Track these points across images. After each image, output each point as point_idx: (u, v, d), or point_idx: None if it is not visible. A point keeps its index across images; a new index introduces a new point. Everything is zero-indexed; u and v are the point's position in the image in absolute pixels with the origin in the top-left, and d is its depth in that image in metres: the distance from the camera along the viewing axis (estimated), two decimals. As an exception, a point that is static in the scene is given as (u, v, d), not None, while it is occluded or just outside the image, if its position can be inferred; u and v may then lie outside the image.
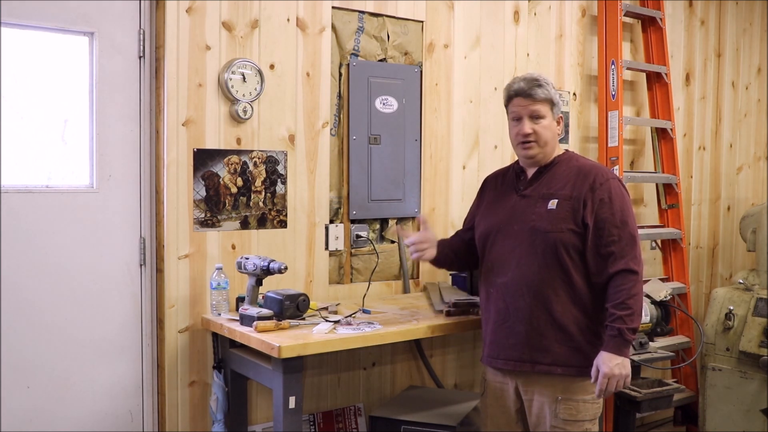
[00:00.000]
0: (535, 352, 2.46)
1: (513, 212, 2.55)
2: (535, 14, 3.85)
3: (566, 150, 2.64)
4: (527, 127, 2.49)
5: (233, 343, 2.78)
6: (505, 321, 2.51)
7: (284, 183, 3.09)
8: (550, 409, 2.47)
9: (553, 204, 2.47)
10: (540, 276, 2.44)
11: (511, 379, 2.56)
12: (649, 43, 4.24)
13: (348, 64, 3.25)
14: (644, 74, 4.29)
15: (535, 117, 2.50)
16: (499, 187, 2.68)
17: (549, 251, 2.44)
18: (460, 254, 2.78)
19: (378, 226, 3.40)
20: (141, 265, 2.88)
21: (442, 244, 2.76)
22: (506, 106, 2.59)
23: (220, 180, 2.93)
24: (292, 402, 2.48)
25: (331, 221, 3.24)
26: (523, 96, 2.50)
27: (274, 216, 3.07)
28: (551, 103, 2.51)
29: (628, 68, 4.11)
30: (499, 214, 2.59)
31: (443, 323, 2.82)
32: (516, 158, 2.67)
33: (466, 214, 2.84)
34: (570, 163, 2.55)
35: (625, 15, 4.00)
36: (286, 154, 3.08)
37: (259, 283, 2.74)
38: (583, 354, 2.44)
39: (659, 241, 4.32)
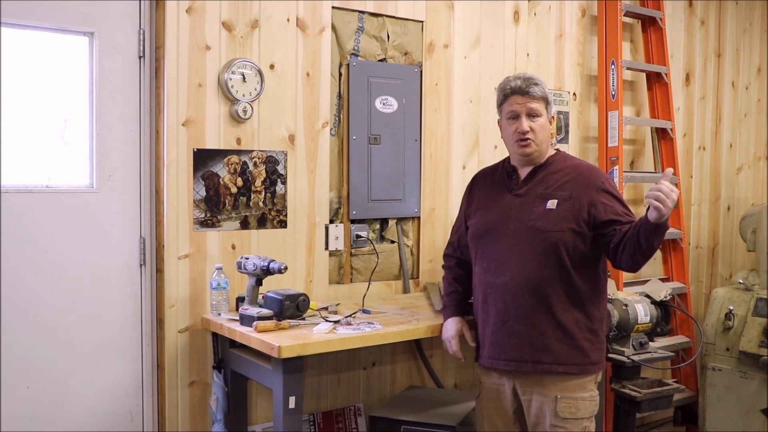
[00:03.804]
0: (537, 351, 2.46)
1: (508, 212, 2.54)
2: (535, 14, 3.84)
3: (557, 150, 2.66)
4: (525, 124, 2.49)
5: (233, 343, 2.78)
6: (505, 321, 2.51)
7: (284, 183, 3.09)
8: (549, 408, 2.47)
9: (552, 204, 2.47)
10: (540, 275, 2.44)
11: (508, 380, 2.56)
12: (649, 43, 4.24)
13: (348, 64, 3.25)
14: (644, 74, 4.29)
15: (533, 115, 2.50)
16: (489, 186, 2.67)
17: (549, 250, 2.44)
18: (469, 284, 2.75)
19: (378, 226, 3.40)
20: (141, 265, 2.88)
21: (461, 304, 2.74)
22: (500, 105, 2.58)
23: (220, 180, 2.93)
24: (292, 402, 2.48)
25: (331, 221, 3.24)
26: (520, 94, 2.50)
27: (274, 216, 3.07)
28: (546, 102, 2.53)
29: (628, 68, 4.11)
30: (492, 214, 2.58)
31: (443, 323, 2.82)
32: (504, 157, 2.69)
33: (455, 221, 2.83)
34: (564, 162, 2.57)
35: (625, 15, 4.00)
36: (286, 154, 3.08)
37: (259, 283, 2.74)
38: (582, 352, 2.46)
39: (659, 241, 4.32)
